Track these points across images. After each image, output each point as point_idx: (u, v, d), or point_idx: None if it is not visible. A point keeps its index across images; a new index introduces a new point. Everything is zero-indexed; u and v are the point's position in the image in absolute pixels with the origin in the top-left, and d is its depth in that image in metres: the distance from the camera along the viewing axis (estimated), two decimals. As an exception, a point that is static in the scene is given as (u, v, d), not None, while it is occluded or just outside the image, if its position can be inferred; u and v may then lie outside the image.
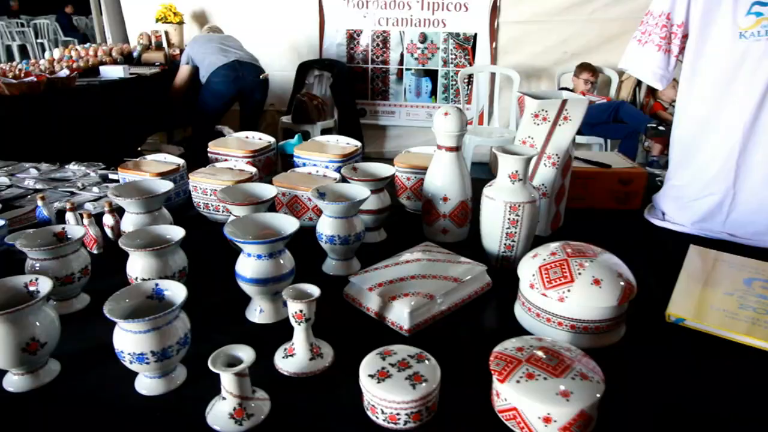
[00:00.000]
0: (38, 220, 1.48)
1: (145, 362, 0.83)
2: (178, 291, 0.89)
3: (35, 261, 1.06)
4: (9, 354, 0.83)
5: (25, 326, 0.84)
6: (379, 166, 1.46)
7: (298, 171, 1.58)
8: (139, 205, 1.22)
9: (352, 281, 1.11)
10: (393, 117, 5.57)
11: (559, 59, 5.08)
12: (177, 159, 1.67)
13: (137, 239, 1.09)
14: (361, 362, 0.84)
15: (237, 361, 0.82)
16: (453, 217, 1.37)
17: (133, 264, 1.05)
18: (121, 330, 0.83)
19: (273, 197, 1.22)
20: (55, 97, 3.47)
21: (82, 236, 1.08)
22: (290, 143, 1.83)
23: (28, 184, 1.83)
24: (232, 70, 4.18)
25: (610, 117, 4.45)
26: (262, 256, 1.02)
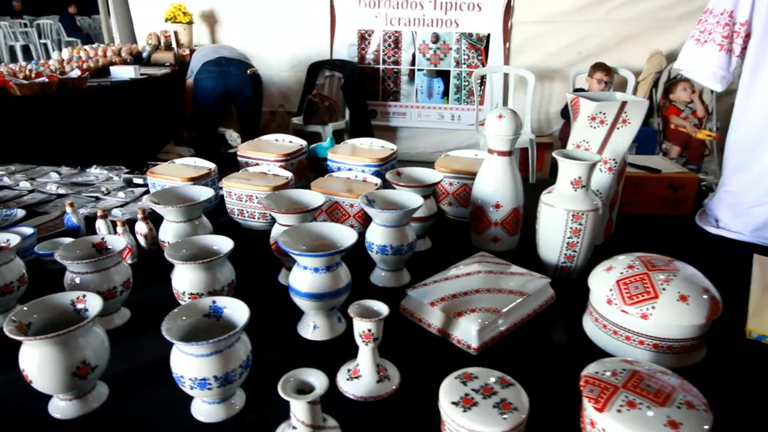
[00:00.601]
0: (66, 227, 1.41)
1: (207, 388, 0.76)
2: (238, 308, 0.82)
3: (75, 274, 0.99)
4: (59, 379, 0.76)
5: (75, 349, 0.77)
6: (423, 170, 1.39)
7: (336, 176, 1.51)
8: (180, 214, 1.15)
9: (411, 294, 1.05)
10: (404, 118, 5.49)
11: (572, 60, 5.01)
12: (207, 163, 1.60)
13: (182, 250, 1.02)
14: (441, 387, 0.77)
15: (307, 386, 0.75)
16: (505, 225, 1.30)
17: (180, 277, 0.98)
18: (181, 353, 0.76)
19: (322, 205, 1.15)
20: (67, 98, 3.40)
21: (124, 248, 1.01)
22: (322, 146, 1.77)
23: (50, 189, 1.76)
24: (217, 65, 4.10)
25: None
26: (319, 270, 0.95)
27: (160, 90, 4.31)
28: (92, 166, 1.99)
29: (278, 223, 1.17)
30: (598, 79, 4.66)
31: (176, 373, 0.77)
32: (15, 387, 0.89)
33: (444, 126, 5.42)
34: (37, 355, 0.75)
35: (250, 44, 5.10)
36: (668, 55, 4.76)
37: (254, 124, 4.61)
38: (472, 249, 1.37)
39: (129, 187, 1.80)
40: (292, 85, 5.41)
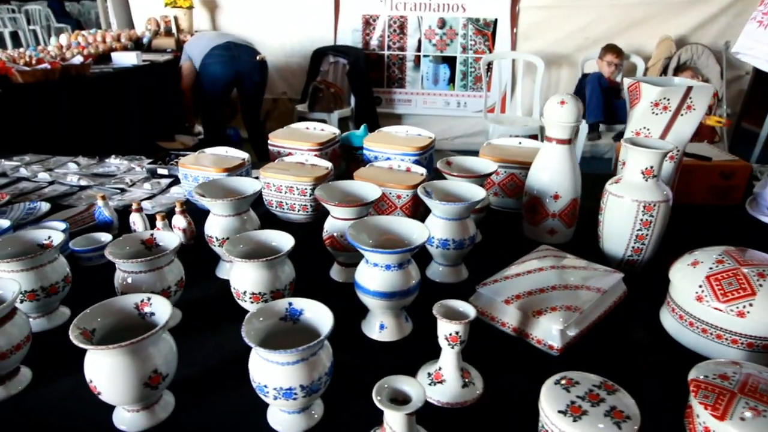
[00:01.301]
0: (97, 221, 1.34)
1: (292, 398, 0.70)
2: (318, 311, 0.76)
3: (128, 274, 0.92)
4: (130, 389, 0.70)
5: (147, 357, 0.71)
6: (473, 159, 1.33)
7: (378, 165, 1.45)
8: (229, 207, 1.09)
9: (481, 292, 0.99)
10: (409, 105, 5.42)
11: (580, 45, 4.94)
12: (240, 153, 1.53)
13: (240, 246, 0.96)
14: (541, 394, 0.72)
15: (401, 395, 0.69)
16: (563, 216, 1.25)
17: (241, 276, 0.92)
18: (263, 360, 0.70)
19: (379, 197, 1.09)
20: (70, 85, 3.29)
21: (177, 245, 0.94)
22: (355, 134, 1.70)
23: (71, 181, 1.68)
24: (226, 50, 3.97)
25: None
26: (391, 267, 0.89)
27: (162, 76, 4.20)
28: (111, 156, 1.91)
29: (333, 217, 1.11)
30: (609, 62, 4.59)
31: (258, 382, 0.71)
32: (72, 396, 0.83)
33: (450, 113, 5.35)
34: (108, 365, 0.69)
35: (251, 30, 4.99)
36: (678, 40, 4.71)
37: (257, 111, 4.51)
38: (525, 241, 1.32)
39: (153, 178, 1.72)
40: (295, 71, 5.31)
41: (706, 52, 4.66)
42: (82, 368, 0.85)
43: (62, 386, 0.85)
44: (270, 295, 0.92)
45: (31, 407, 0.82)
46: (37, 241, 0.99)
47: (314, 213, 1.41)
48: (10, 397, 0.82)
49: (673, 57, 4.69)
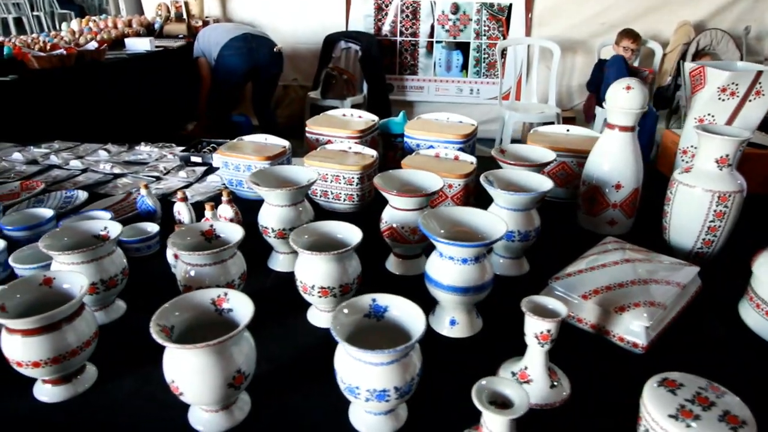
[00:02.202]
0: (140, 211, 1.30)
1: (385, 400, 0.67)
2: (405, 308, 0.73)
3: (191, 266, 0.88)
4: (215, 390, 0.67)
5: (231, 357, 0.67)
6: (526, 147, 1.29)
7: (424, 153, 1.40)
8: (286, 197, 1.04)
9: (554, 286, 0.95)
10: (421, 92, 5.34)
11: (596, 31, 4.86)
12: (279, 140, 1.49)
13: (304, 236, 0.92)
14: (644, 397, 0.68)
15: (500, 398, 0.66)
16: (624, 206, 1.21)
17: (308, 269, 0.88)
18: (356, 360, 0.66)
19: (441, 188, 1.05)
20: (85, 71, 3.24)
21: (241, 239, 0.90)
22: (394, 121, 1.65)
23: (104, 168, 1.64)
24: (244, 41, 3.90)
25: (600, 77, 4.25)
26: (468, 261, 0.85)
27: (176, 62, 4.13)
28: (140, 143, 1.86)
29: (393, 207, 1.06)
30: (625, 47, 4.50)
31: (348, 383, 0.67)
32: (139, 394, 0.80)
33: (463, 100, 5.27)
34: (193, 364, 0.65)
35: (262, 15, 4.92)
36: (696, 25, 4.62)
37: (269, 100, 4.47)
38: (582, 232, 1.28)
39: (187, 166, 1.68)
40: (306, 58, 5.23)
41: (726, 37, 4.58)
42: (146, 365, 0.82)
43: (128, 384, 0.82)
44: (339, 290, 0.89)
45: (98, 406, 0.79)
46: (92, 232, 0.95)
47: (360, 203, 1.37)
48: (78, 396, 0.79)
49: (691, 42, 4.61)
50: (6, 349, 0.73)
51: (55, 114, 2.98)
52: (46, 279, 0.79)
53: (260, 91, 4.31)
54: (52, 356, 0.72)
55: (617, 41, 4.55)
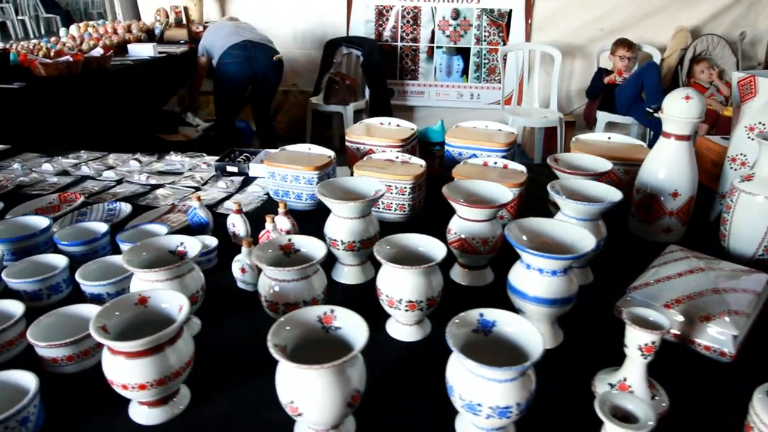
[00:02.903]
0: (191, 223, 1.28)
1: (506, 416, 0.66)
2: (514, 323, 0.72)
3: (275, 282, 0.87)
4: (336, 410, 0.66)
5: (350, 377, 0.67)
6: (578, 156, 1.30)
7: (472, 163, 1.40)
8: (355, 210, 1.04)
9: (634, 296, 0.96)
10: (422, 97, 5.36)
11: (594, 36, 4.92)
12: (324, 150, 1.48)
13: (387, 248, 0.91)
14: (754, 406, 0.68)
15: (620, 412, 0.66)
16: (680, 214, 1.22)
17: (397, 282, 0.87)
18: (477, 377, 0.66)
19: (515, 197, 1.05)
20: (92, 78, 3.19)
21: (325, 254, 0.89)
22: (433, 129, 1.65)
23: (139, 179, 1.61)
24: (244, 49, 3.87)
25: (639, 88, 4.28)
26: (557, 273, 0.85)
27: (179, 69, 4.10)
28: (169, 153, 1.84)
29: (462, 218, 1.06)
30: (621, 56, 4.56)
31: (469, 400, 0.67)
32: (234, 415, 0.78)
33: (463, 105, 5.29)
34: (317, 385, 0.64)
35: (261, 21, 4.88)
36: (692, 30, 4.70)
37: (268, 107, 4.44)
38: (634, 240, 1.29)
39: (223, 176, 1.66)
40: (306, 63, 5.22)
41: (722, 42, 4.66)
42: (234, 382, 0.81)
43: (220, 404, 0.81)
44: (426, 303, 0.88)
45: (194, 428, 0.77)
46: (168, 247, 0.93)
47: (411, 212, 1.36)
48: (174, 418, 0.77)
49: (688, 48, 4.68)
50: (110, 372, 0.71)
51: (63, 121, 2.94)
52: (141, 298, 0.77)
53: (259, 98, 4.28)
54: (158, 378, 0.71)
55: (612, 52, 4.61)
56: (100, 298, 0.98)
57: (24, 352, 0.89)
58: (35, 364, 0.85)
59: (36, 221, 1.19)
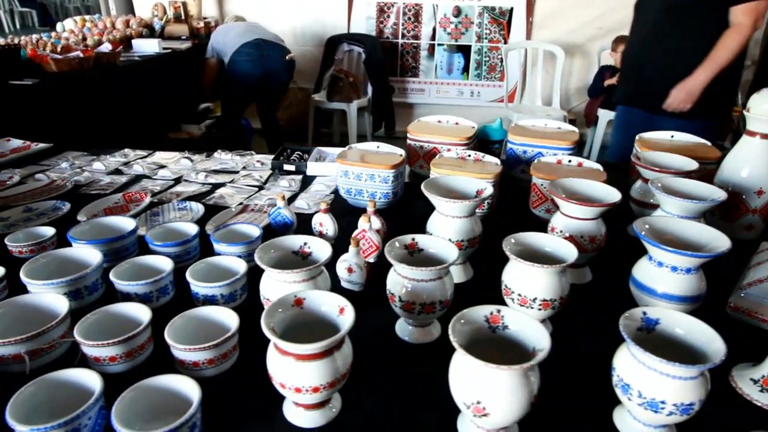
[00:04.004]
0: (274, 223, 1.25)
1: (687, 413, 0.67)
2: (687, 323, 0.73)
3: (408, 280, 0.86)
4: (522, 410, 0.66)
5: (532, 377, 0.66)
6: (658, 155, 1.32)
7: (546, 161, 1.41)
8: (464, 209, 1.03)
9: (750, 293, 0.98)
10: (422, 95, 5.37)
11: (594, 35, 4.99)
12: (393, 148, 1.47)
13: (517, 247, 0.91)
14: None
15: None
16: (763, 211, 1.25)
17: (531, 281, 0.87)
18: (663, 375, 0.66)
19: (619, 200, 1.05)
20: (102, 74, 3.11)
21: (457, 257, 0.88)
22: (492, 127, 1.65)
23: (197, 178, 1.58)
24: (256, 48, 3.83)
25: None
26: (691, 270, 0.87)
27: (183, 65, 4.02)
28: (216, 151, 1.80)
29: (566, 215, 1.07)
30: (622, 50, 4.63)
31: (652, 398, 0.67)
32: (380, 419, 0.78)
33: (463, 103, 5.31)
34: (508, 385, 0.64)
35: (261, 17, 4.82)
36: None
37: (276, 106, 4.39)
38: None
39: (280, 174, 1.64)
40: (305, 60, 5.17)
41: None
42: (385, 386, 0.80)
43: (367, 407, 0.79)
44: (558, 302, 0.89)
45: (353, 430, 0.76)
46: (291, 248, 0.92)
47: (489, 210, 1.36)
48: (332, 421, 0.76)
49: (687, 47, 4.77)
50: (280, 374, 0.69)
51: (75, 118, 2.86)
52: (297, 300, 0.76)
53: (268, 97, 4.21)
54: (330, 380, 0.69)
55: (614, 48, 4.68)
56: (213, 300, 0.96)
57: (151, 355, 0.87)
58: (169, 367, 0.83)
59: (120, 222, 1.16)
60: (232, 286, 0.97)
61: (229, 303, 0.97)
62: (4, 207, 1.32)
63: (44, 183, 1.49)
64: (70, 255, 1.03)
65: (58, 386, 0.72)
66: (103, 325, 0.85)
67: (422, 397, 0.81)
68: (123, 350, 0.81)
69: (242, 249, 1.09)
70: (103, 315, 0.86)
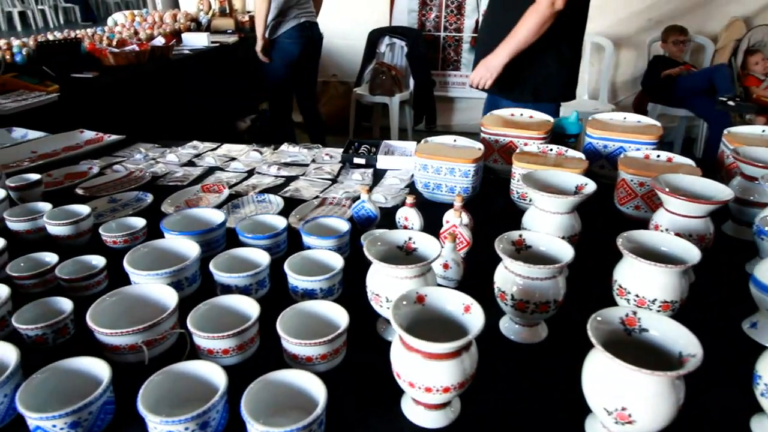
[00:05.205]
0: (357, 217, 1.24)
1: None
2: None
3: (521, 278, 0.83)
4: (668, 416, 0.62)
5: (680, 382, 0.63)
6: (751, 149, 1.26)
7: (633, 155, 1.36)
8: (566, 204, 1.00)
9: None
10: (463, 89, 5.30)
11: (643, 27, 4.86)
12: (472, 142, 1.44)
13: (629, 243, 0.88)
14: None
15: None
16: None
17: (651, 280, 0.84)
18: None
19: (732, 197, 1.00)
20: (156, 67, 3.15)
21: (573, 256, 0.85)
22: (568, 121, 1.61)
23: (269, 171, 1.57)
24: (303, 30, 3.62)
25: (707, 84, 4.24)
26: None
27: (231, 59, 4.05)
28: (283, 144, 1.80)
29: (672, 212, 1.02)
30: (675, 41, 4.49)
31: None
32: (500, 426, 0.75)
33: (505, 96, 5.23)
34: (654, 392, 0.61)
35: (303, 11, 4.82)
36: (747, 20, 4.64)
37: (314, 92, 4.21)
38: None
39: (351, 168, 1.62)
40: (347, 53, 5.17)
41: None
42: (492, 388, 0.78)
43: (483, 409, 0.77)
44: (678, 303, 0.85)
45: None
46: (396, 242, 0.90)
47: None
48: (452, 423, 0.74)
49: (743, 39, 4.61)
50: (409, 373, 0.67)
51: (135, 111, 2.90)
52: (419, 296, 0.74)
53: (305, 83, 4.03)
54: (461, 380, 0.67)
55: (664, 38, 4.54)
56: (312, 294, 0.95)
57: (258, 349, 0.86)
58: (279, 361, 0.82)
59: (208, 214, 1.16)
60: (332, 280, 0.96)
61: (327, 297, 0.96)
62: (89, 198, 1.34)
63: (123, 174, 1.50)
64: (167, 246, 1.03)
65: (178, 378, 0.72)
66: (211, 317, 0.85)
67: (539, 399, 0.78)
68: (235, 343, 0.80)
69: (333, 243, 1.08)
70: (210, 307, 0.86)
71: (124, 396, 0.73)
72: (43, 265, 1.00)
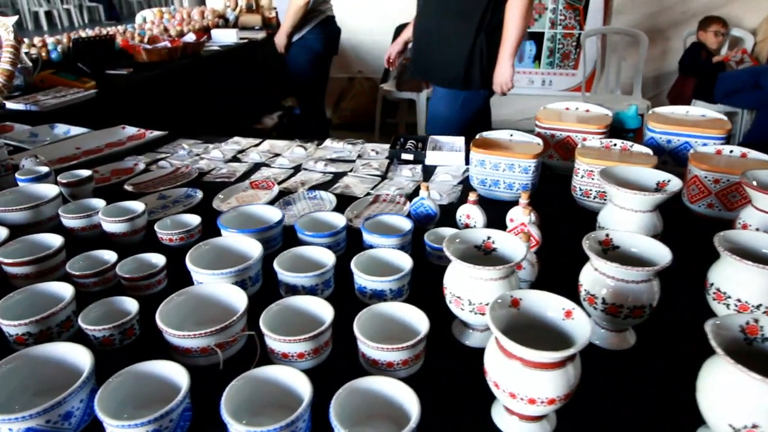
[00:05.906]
0: (415, 214, 1.19)
1: None
2: None
3: (612, 280, 0.78)
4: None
5: None
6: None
7: (703, 151, 1.29)
8: (648, 202, 0.94)
9: None
10: (491, 84, 5.23)
11: (676, 20, 4.73)
12: (529, 136, 1.38)
13: (725, 242, 0.82)
14: None
15: None
16: None
17: (756, 286, 0.78)
18: None
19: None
20: (188, 64, 3.14)
21: (671, 259, 0.79)
22: (627, 115, 1.54)
23: (315, 167, 1.53)
24: (326, 24, 3.57)
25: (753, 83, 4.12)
26: None
27: (259, 55, 4.02)
28: (326, 140, 1.76)
29: (761, 209, 0.96)
30: (715, 32, 4.35)
31: None
32: None
33: (532, 92, 5.14)
34: None
35: (328, 7, 4.78)
36: (787, 13, 4.50)
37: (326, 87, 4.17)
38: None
39: (399, 164, 1.57)
40: (372, 49, 5.12)
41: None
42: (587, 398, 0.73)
43: (579, 422, 0.72)
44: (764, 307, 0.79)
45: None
46: (474, 242, 0.85)
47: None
48: (548, 434, 0.69)
49: (784, 32, 4.47)
50: (509, 383, 0.62)
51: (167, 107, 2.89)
52: (513, 300, 0.69)
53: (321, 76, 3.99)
54: (567, 392, 0.62)
55: (704, 28, 4.40)
56: (382, 295, 0.91)
57: (331, 353, 0.82)
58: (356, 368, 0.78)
59: (263, 211, 1.12)
60: (401, 281, 0.91)
61: (397, 298, 0.92)
62: (138, 194, 1.31)
63: (169, 170, 1.47)
64: (227, 244, 0.99)
65: (259, 384, 0.68)
66: (281, 318, 0.80)
67: (638, 409, 0.73)
68: (311, 346, 0.76)
69: (396, 241, 1.03)
70: (282, 307, 0.82)
71: (197, 401, 0.69)
72: (102, 263, 0.97)
